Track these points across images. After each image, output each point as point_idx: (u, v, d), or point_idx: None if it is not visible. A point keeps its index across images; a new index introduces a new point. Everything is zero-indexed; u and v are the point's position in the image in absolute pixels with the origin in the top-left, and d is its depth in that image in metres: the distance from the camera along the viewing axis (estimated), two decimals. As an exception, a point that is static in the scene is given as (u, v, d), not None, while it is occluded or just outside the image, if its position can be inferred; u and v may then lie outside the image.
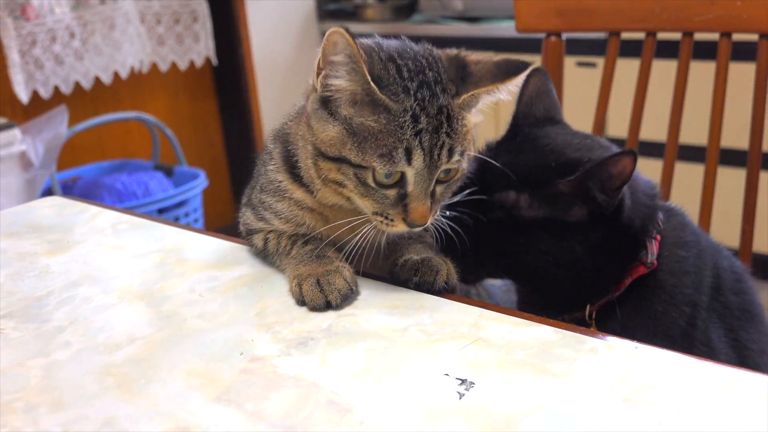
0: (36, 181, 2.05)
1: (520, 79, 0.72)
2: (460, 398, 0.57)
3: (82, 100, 2.53)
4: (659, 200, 0.89)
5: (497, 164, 0.81)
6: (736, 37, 1.17)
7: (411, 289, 0.74)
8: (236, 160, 3.04)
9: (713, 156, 1.19)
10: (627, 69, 1.48)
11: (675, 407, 0.54)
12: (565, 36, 1.29)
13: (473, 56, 0.74)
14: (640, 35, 1.25)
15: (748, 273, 0.98)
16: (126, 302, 0.75)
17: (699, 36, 1.20)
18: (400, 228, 0.71)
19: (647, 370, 0.59)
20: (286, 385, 0.60)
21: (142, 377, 0.62)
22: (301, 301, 0.72)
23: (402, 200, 0.69)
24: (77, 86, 2.46)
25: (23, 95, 2.30)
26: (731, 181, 1.68)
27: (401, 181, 0.69)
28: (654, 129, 1.50)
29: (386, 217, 0.70)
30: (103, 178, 2.40)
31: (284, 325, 0.68)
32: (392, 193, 0.69)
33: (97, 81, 2.50)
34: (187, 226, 0.91)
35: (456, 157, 0.69)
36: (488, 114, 0.75)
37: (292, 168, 0.76)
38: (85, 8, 2.40)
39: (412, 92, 0.67)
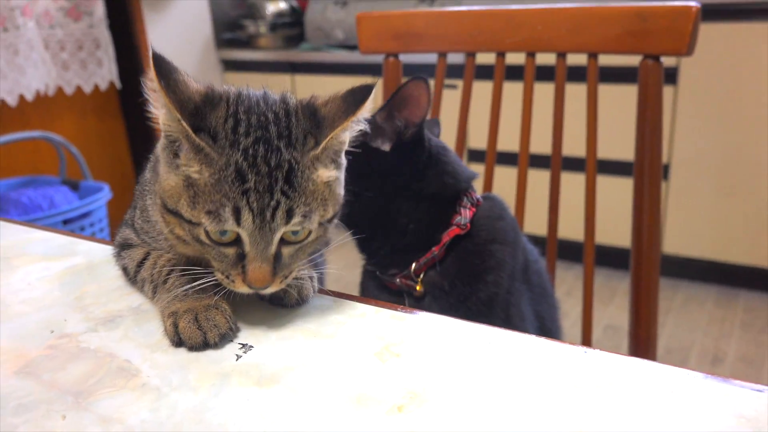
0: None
1: (369, 103, 0.61)
2: (237, 359, 0.57)
3: (-11, 120, 2.41)
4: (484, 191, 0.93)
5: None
6: (539, 60, 1.22)
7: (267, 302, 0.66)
8: (144, 174, 2.95)
9: (524, 160, 1.24)
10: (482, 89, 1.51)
11: (416, 357, 0.56)
12: (429, 61, 1.32)
13: (322, 99, 0.63)
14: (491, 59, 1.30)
15: (539, 254, 1.03)
16: (-44, 293, 0.72)
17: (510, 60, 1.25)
18: (242, 289, 0.59)
19: (402, 329, 0.61)
20: (86, 357, 0.59)
21: (-49, 357, 0.60)
22: (177, 341, 0.59)
23: (241, 260, 0.58)
24: (-17, 108, 2.34)
25: (-73, 116, 2.18)
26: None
27: (239, 239, 0.58)
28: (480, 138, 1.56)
29: (227, 277, 0.59)
30: (9, 192, 2.29)
31: (98, 306, 0.67)
32: (231, 251, 0.58)
33: (3, 104, 2.38)
34: (32, 224, 0.88)
35: (297, 219, 0.57)
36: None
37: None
38: (-11, 35, 2.29)
39: (241, 148, 0.56)
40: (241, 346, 0.59)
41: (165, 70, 0.57)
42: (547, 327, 0.92)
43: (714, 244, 2.38)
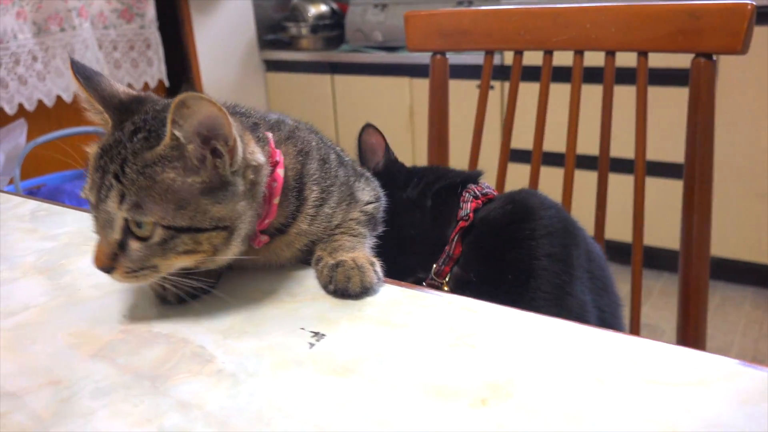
0: (-3, 185, 1.95)
1: (180, 109, 0.54)
2: (311, 348, 0.55)
3: (46, 116, 2.43)
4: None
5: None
6: (585, 62, 1.18)
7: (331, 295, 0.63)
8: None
9: (571, 161, 1.20)
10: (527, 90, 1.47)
11: (494, 350, 0.53)
12: (467, 62, 1.29)
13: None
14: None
15: (602, 252, 0.99)
16: (28, 276, 0.70)
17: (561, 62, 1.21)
18: None
19: (475, 321, 0.57)
20: (159, 341, 0.57)
21: (28, 339, 0.58)
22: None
23: None
24: (41, 104, 2.36)
25: (-11, 111, 2.20)
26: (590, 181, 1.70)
27: None
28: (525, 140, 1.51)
29: None
30: (65, 184, 2.30)
31: (167, 292, 0.65)
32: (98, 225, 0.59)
33: (60, 99, 2.40)
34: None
35: (126, 205, 0.55)
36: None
37: None
38: (47, 35, 2.31)
39: (117, 131, 0.58)
40: (313, 334, 0.56)
41: (84, 72, 0.62)
42: (608, 321, 0.88)
43: (750, 246, 2.30)
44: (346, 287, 0.62)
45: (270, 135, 0.65)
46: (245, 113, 0.67)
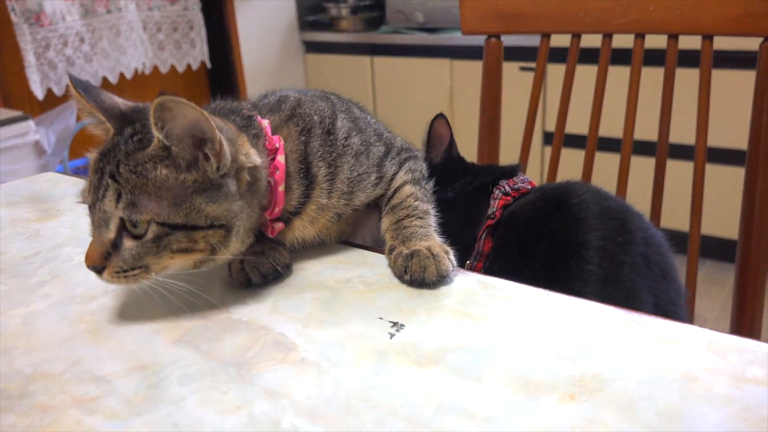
0: (48, 166, 1.99)
1: (154, 112, 0.54)
2: (391, 338, 0.55)
3: (92, 97, 2.47)
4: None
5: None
6: (648, 44, 1.15)
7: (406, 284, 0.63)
8: (229, 151, 2.98)
9: (627, 146, 1.17)
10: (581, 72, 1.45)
11: (577, 344, 0.52)
12: (508, 43, 1.28)
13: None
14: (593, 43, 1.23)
15: (666, 240, 0.97)
16: (104, 260, 0.71)
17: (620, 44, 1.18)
18: None
19: (555, 314, 0.57)
20: (239, 329, 0.57)
21: (111, 323, 0.59)
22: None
23: None
24: (87, 85, 2.40)
25: (38, 92, 2.24)
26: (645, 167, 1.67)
27: None
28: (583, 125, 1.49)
29: None
30: (110, 165, 2.35)
31: (242, 278, 0.66)
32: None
33: (105, 81, 2.43)
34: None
35: (122, 203, 0.56)
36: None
37: None
38: (93, 17, 2.33)
39: (114, 136, 0.59)
40: (392, 324, 0.56)
41: (84, 86, 0.62)
42: (665, 309, 0.86)
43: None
44: (422, 277, 0.61)
45: (266, 123, 0.65)
46: (235, 109, 0.66)
